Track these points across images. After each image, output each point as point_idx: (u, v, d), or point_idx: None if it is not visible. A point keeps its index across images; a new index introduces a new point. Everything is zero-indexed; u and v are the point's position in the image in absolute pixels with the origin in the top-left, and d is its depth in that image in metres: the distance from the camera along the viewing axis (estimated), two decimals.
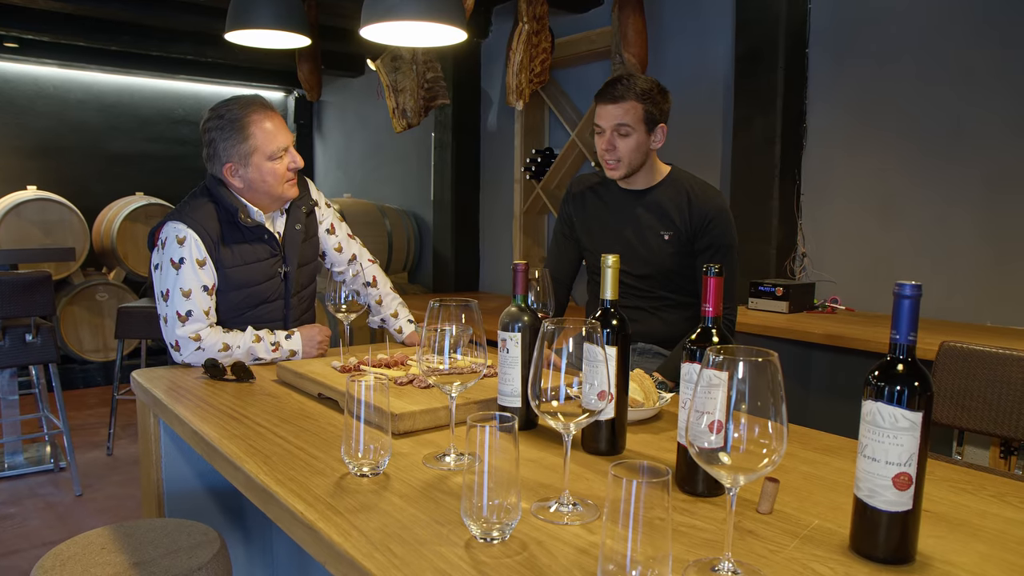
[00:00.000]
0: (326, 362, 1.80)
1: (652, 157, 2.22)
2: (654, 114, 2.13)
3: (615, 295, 1.27)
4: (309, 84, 4.45)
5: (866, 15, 3.31)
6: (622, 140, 2.13)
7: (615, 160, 2.16)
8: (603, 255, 1.26)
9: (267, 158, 2.01)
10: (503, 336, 1.38)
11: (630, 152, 2.14)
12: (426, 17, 1.71)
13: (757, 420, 0.82)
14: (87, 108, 6.36)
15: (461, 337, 1.18)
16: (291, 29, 3.13)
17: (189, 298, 1.94)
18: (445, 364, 1.19)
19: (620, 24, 3.33)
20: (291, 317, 2.18)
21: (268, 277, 2.09)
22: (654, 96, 2.14)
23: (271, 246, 2.10)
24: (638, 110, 2.11)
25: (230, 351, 1.93)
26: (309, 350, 2.03)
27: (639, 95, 2.11)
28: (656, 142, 2.17)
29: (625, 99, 2.11)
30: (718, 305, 1.10)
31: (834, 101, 3.43)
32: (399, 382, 1.58)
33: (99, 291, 5.59)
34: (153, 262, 2.03)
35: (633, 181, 2.25)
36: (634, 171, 2.19)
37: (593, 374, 1.12)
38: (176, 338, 1.93)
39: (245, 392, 1.68)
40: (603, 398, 1.14)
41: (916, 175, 3.19)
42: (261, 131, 2.00)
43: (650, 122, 2.14)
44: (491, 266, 5.38)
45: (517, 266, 1.38)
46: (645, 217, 2.22)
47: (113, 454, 4.22)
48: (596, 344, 1.09)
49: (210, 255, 1.99)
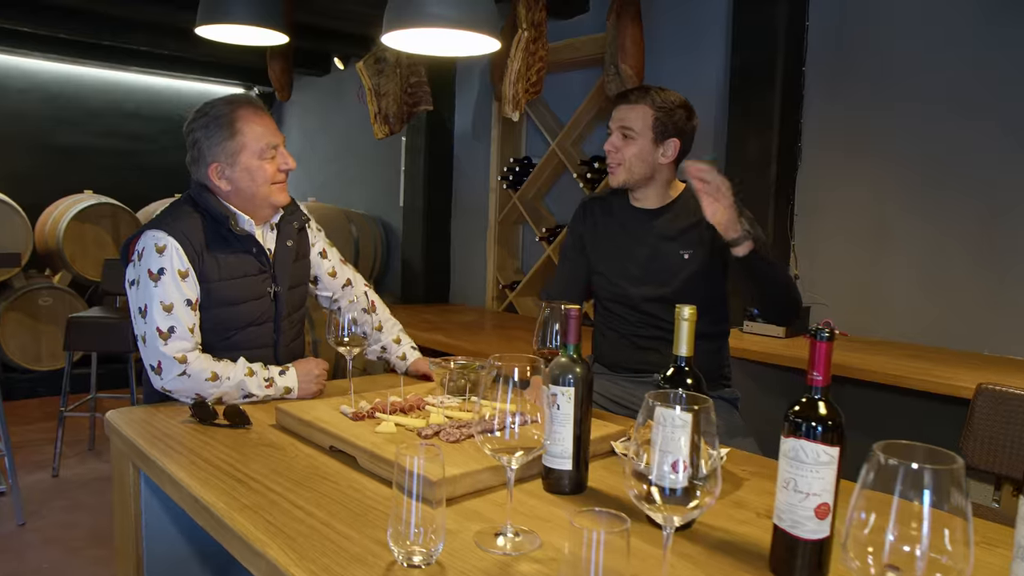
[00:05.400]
0: (332, 405, 1.60)
1: (665, 173, 2.09)
2: (667, 125, 2.02)
3: (690, 350, 1.12)
4: (280, 83, 4.22)
5: (864, 37, 3.24)
6: (626, 143, 2.03)
7: (616, 162, 2.06)
8: (679, 306, 1.11)
9: (256, 156, 1.86)
10: (553, 390, 1.22)
11: (632, 157, 2.03)
12: (461, 25, 1.54)
13: None
14: (30, 98, 5.97)
15: (525, 407, 1.02)
16: (268, 25, 2.97)
17: (171, 313, 1.74)
18: (506, 432, 1.02)
19: (617, 34, 3.20)
20: (281, 342, 1.99)
21: (256, 296, 1.91)
22: (671, 108, 2.03)
23: (260, 262, 1.92)
24: (648, 115, 2.01)
25: (219, 382, 1.73)
26: (306, 387, 1.84)
27: (654, 103, 2.02)
28: (665, 156, 2.05)
29: (638, 103, 2.03)
30: (828, 373, 0.96)
31: (830, 122, 3.36)
32: (424, 435, 1.41)
33: (43, 295, 5.23)
34: (128, 278, 1.82)
35: (644, 198, 2.12)
36: (637, 181, 2.07)
37: (668, 441, 0.97)
38: (159, 358, 1.71)
39: (242, 441, 1.49)
40: (677, 469, 0.99)
41: (912, 199, 3.13)
42: (249, 127, 1.85)
43: (660, 132, 2.02)
44: (463, 277, 5.20)
45: (570, 311, 1.23)
46: (661, 236, 2.09)
47: (59, 475, 3.92)
48: (672, 407, 0.94)
49: (193, 267, 1.79)
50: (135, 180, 6.39)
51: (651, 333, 2.11)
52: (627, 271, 2.12)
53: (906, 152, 3.14)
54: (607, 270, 2.16)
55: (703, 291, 2.06)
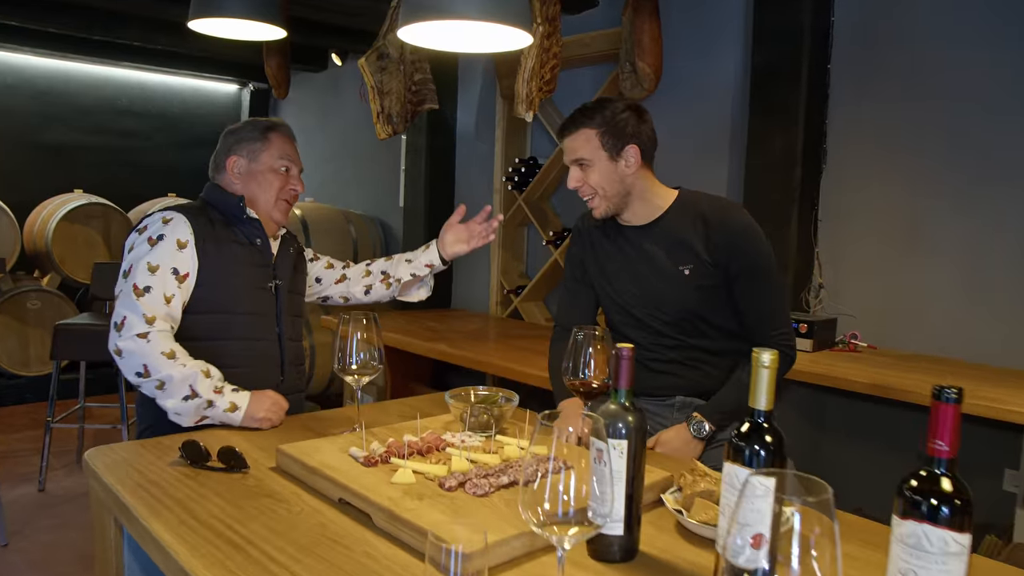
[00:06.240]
0: (340, 446, 1.42)
1: (644, 184, 1.90)
2: (615, 136, 1.84)
3: (771, 402, 0.95)
4: (277, 80, 4.04)
5: (893, 33, 3.08)
6: (586, 172, 1.87)
7: (589, 196, 1.90)
8: (756, 350, 0.94)
9: (272, 165, 1.95)
10: (599, 445, 1.05)
11: (599, 184, 1.86)
12: (490, 17, 1.35)
13: None
14: (18, 94, 5.78)
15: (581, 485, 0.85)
16: (265, 19, 2.83)
17: (153, 275, 1.74)
18: (559, 510, 0.85)
19: (633, 30, 3.02)
20: (285, 335, 1.98)
21: (258, 284, 1.93)
22: (611, 117, 1.85)
23: (264, 255, 1.95)
24: (592, 137, 1.85)
25: (173, 363, 1.67)
26: (253, 412, 1.72)
27: (591, 121, 1.85)
28: (628, 166, 1.86)
29: (576, 129, 1.87)
30: (956, 442, 0.79)
31: (857, 122, 3.19)
32: (448, 486, 1.23)
33: (31, 299, 5.05)
34: (127, 245, 1.83)
35: (631, 216, 1.94)
36: (619, 203, 1.90)
37: (749, 512, 0.81)
38: (126, 313, 1.68)
39: (238, 490, 1.31)
40: (759, 545, 0.83)
41: (949, 200, 2.96)
42: (278, 141, 1.98)
43: (611, 147, 1.85)
44: (466, 281, 5.03)
45: (622, 351, 1.06)
46: (657, 253, 1.91)
47: (45, 489, 3.74)
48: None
49: (196, 242, 1.81)
50: (127, 178, 6.21)
51: (666, 356, 1.95)
52: (631, 293, 1.96)
53: (941, 151, 2.97)
54: (612, 293, 2.00)
55: (713, 306, 1.90)
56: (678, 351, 1.93)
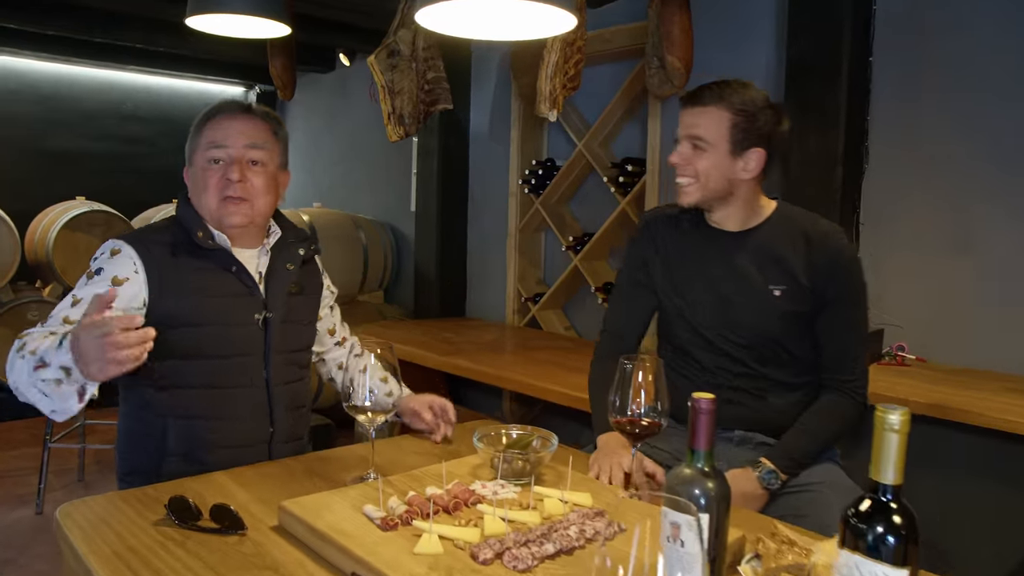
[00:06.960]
0: (353, 503, 1.21)
1: (750, 189, 1.72)
2: (748, 132, 1.65)
3: (900, 476, 0.75)
4: (282, 81, 3.86)
5: (940, 23, 2.86)
6: (696, 155, 1.67)
7: (688, 178, 1.69)
8: (882, 410, 0.74)
9: (203, 163, 1.65)
10: (675, 518, 0.85)
11: (706, 172, 1.67)
12: None
13: None
14: (21, 100, 5.64)
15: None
16: (267, 15, 2.69)
17: (72, 307, 1.48)
18: None
19: (662, 22, 2.82)
20: (273, 380, 1.65)
21: (240, 322, 1.62)
22: (752, 111, 1.65)
23: (244, 283, 1.64)
24: (724, 121, 1.65)
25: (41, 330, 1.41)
26: (87, 369, 1.22)
27: (731, 105, 1.64)
28: (747, 171, 1.68)
29: (711, 105, 1.65)
30: None
31: (902, 118, 2.98)
32: (481, 560, 1.03)
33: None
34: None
35: (726, 218, 1.75)
36: (715, 199, 1.71)
37: None
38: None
39: (233, 560, 1.12)
40: None
41: (1005, 201, 2.75)
42: (212, 127, 1.65)
43: (738, 141, 1.65)
44: (481, 289, 4.83)
45: (700, 404, 0.86)
46: (747, 267, 1.71)
47: (43, 512, 3.56)
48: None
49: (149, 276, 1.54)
50: (132, 185, 6.07)
51: (732, 383, 1.74)
52: (703, 307, 1.75)
53: (994, 150, 2.76)
54: (681, 305, 1.79)
55: (796, 334, 1.70)
56: (745, 379, 1.73)
